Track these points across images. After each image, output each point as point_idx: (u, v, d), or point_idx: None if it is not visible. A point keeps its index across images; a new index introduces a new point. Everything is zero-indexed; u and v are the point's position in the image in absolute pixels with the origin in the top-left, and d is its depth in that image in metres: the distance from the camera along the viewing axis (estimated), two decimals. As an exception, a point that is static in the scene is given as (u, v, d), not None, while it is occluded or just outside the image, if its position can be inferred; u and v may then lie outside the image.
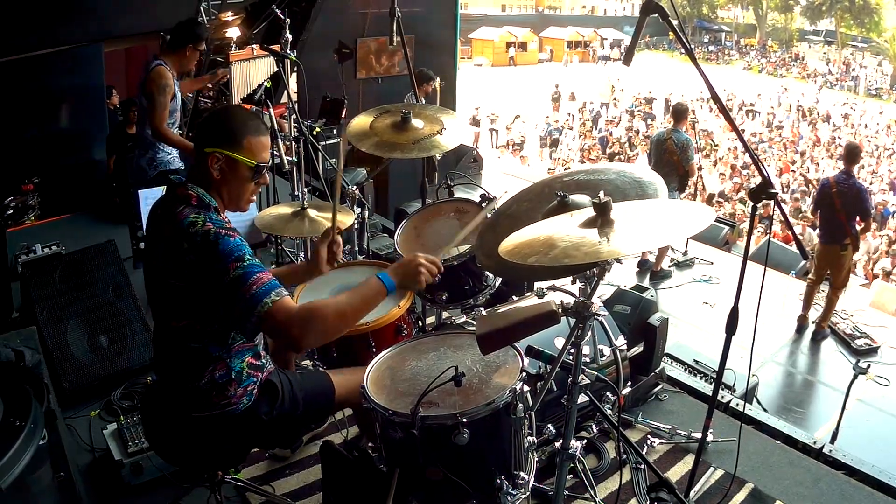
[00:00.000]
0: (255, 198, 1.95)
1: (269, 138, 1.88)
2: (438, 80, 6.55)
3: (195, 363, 1.81)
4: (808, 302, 6.02)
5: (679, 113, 6.62)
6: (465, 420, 1.75)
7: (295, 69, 3.99)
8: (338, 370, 2.20)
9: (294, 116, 3.76)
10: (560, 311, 1.79)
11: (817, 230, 6.29)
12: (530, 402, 1.91)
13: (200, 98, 6.78)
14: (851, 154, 5.83)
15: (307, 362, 2.66)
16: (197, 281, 1.70)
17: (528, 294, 2.84)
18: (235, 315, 1.69)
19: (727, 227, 8.43)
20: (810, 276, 6.11)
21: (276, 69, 6.36)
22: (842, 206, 5.60)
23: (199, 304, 1.75)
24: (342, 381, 2.09)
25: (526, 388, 1.89)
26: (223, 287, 1.66)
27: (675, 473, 2.70)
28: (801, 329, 6.00)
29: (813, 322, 6.01)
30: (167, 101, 3.72)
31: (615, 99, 24.89)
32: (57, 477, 2.11)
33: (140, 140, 3.98)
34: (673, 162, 6.23)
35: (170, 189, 1.86)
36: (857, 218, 5.67)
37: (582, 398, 1.97)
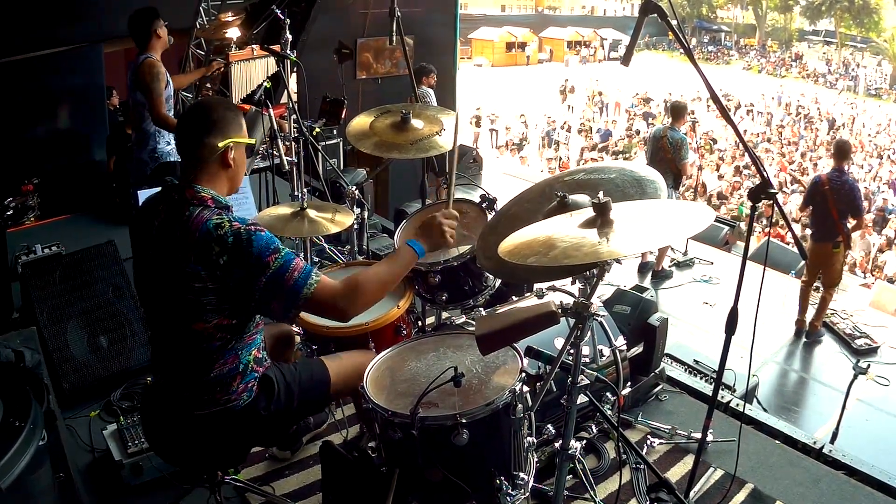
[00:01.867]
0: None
1: None
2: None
3: (208, 359, 1.81)
4: (803, 305, 6.00)
5: (676, 111, 6.61)
6: (464, 421, 1.75)
7: (295, 69, 3.99)
8: (334, 356, 2.20)
9: (294, 116, 3.76)
10: (560, 311, 1.79)
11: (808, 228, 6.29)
12: (530, 403, 1.91)
13: (201, 98, 6.78)
14: (841, 151, 5.79)
15: (307, 362, 2.66)
16: (232, 279, 1.72)
17: (528, 294, 2.85)
18: (277, 301, 1.75)
19: (727, 227, 8.43)
20: (803, 277, 6.09)
21: (275, 69, 6.37)
22: (834, 204, 5.57)
23: (232, 300, 1.76)
24: (338, 367, 2.10)
25: (525, 388, 1.89)
26: (265, 279, 1.71)
27: (675, 474, 2.70)
28: (798, 333, 5.98)
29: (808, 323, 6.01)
30: (162, 88, 3.82)
31: (597, 101, 24.85)
32: (57, 477, 2.11)
33: (138, 135, 4.02)
34: (667, 160, 6.24)
35: (170, 191, 1.83)
36: (849, 215, 5.66)
37: (581, 398, 1.97)
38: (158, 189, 1.91)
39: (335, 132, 6.83)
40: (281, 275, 1.72)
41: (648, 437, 2.87)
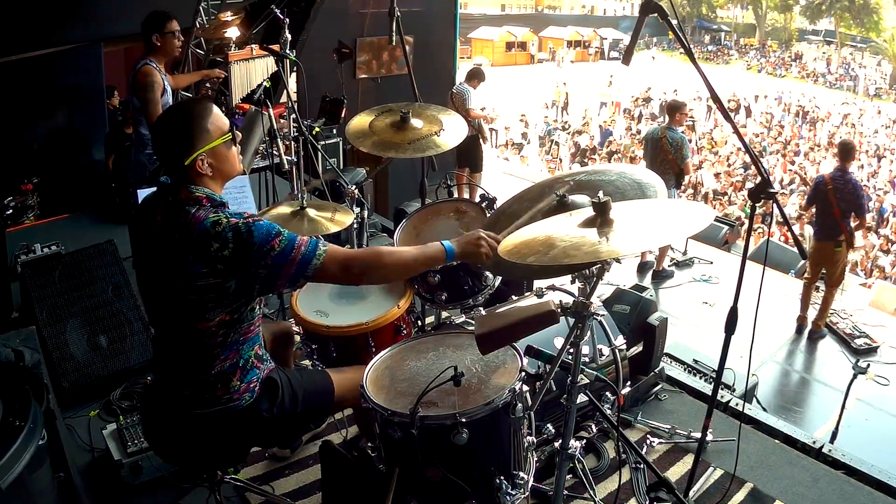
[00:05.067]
0: (241, 157, 1.98)
1: (213, 104, 1.89)
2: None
3: (210, 356, 1.81)
4: (805, 302, 6.02)
5: (673, 109, 6.61)
6: (464, 420, 1.75)
7: (294, 69, 3.99)
8: (338, 369, 2.20)
9: (294, 116, 3.77)
10: (559, 310, 1.79)
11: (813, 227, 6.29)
12: (529, 402, 1.91)
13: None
14: (845, 151, 5.84)
15: (306, 362, 2.66)
16: (236, 270, 1.72)
17: (528, 294, 2.85)
18: (285, 279, 1.76)
19: (727, 227, 8.44)
20: (806, 274, 6.11)
21: (275, 69, 6.37)
22: (837, 203, 5.61)
23: (234, 294, 1.75)
24: (342, 379, 2.10)
25: (525, 387, 1.89)
26: (270, 262, 1.72)
27: (675, 473, 2.70)
28: (800, 329, 6.00)
29: (811, 316, 6.01)
30: (157, 97, 3.78)
31: (565, 102, 24.70)
32: (56, 477, 2.11)
33: (137, 138, 4.01)
34: (668, 160, 6.23)
35: (165, 192, 1.82)
36: (853, 214, 5.68)
37: (581, 398, 1.97)
38: (153, 191, 1.90)
39: (335, 131, 6.83)
40: (287, 253, 1.73)
41: (648, 436, 2.87)
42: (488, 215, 2.60)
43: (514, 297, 2.87)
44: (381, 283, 1.92)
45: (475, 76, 7.48)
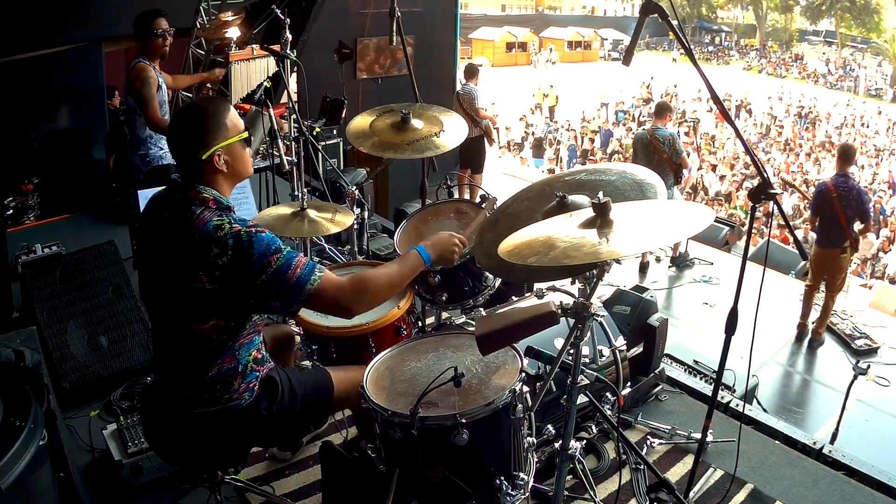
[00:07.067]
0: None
1: (230, 103, 1.92)
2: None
3: (206, 358, 1.81)
4: (806, 308, 5.96)
5: (660, 110, 6.60)
6: (464, 420, 1.75)
7: (295, 69, 3.99)
8: (338, 367, 2.20)
9: (294, 116, 3.77)
10: (559, 311, 1.79)
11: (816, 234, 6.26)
12: (530, 403, 1.91)
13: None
14: (846, 155, 5.76)
15: (307, 363, 2.66)
16: (232, 280, 1.71)
17: (528, 294, 2.85)
18: (279, 300, 1.75)
19: (727, 228, 8.44)
20: (807, 281, 6.03)
21: (276, 69, 6.36)
22: (842, 210, 5.52)
23: (229, 302, 1.75)
24: (342, 379, 2.10)
25: (525, 388, 1.89)
26: (266, 278, 1.71)
27: (675, 474, 2.70)
28: (800, 337, 5.95)
29: (812, 322, 5.99)
30: (153, 92, 3.83)
31: (550, 106, 24.59)
32: (57, 477, 2.11)
33: (132, 138, 4.03)
34: (664, 159, 6.21)
35: (173, 190, 1.83)
36: (857, 220, 5.63)
37: (581, 399, 1.97)
38: (163, 188, 1.91)
39: (335, 132, 6.83)
40: (283, 273, 1.72)
41: (648, 437, 2.87)
42: (488, 215, 2.59)
43: (514, 298, 2.87)
44: (371, 308, 1.90)
45: (474, 73, 7.52)
